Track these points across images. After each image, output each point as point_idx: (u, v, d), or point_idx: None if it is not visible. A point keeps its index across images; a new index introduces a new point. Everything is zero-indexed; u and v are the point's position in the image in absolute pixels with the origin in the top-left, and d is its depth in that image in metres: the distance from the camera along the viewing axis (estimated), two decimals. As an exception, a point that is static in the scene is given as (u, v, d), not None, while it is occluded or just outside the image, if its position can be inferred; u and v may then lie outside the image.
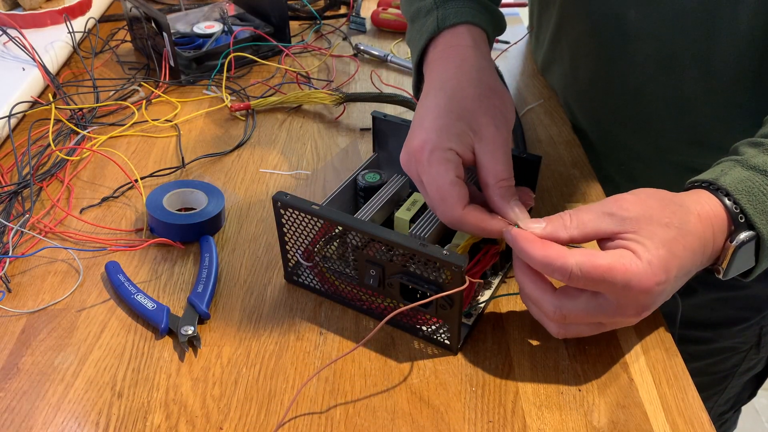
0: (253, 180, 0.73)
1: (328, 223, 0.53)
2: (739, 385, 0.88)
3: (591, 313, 0.48)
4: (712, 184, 0.51)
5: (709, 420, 0.49)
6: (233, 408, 0.50)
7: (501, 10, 0.63)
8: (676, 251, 0.47)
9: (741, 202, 0.49)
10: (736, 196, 0.49)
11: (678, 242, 0.47)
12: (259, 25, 0.98)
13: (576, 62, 0.78)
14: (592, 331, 0.51)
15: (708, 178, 0.51)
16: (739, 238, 0.49)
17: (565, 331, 0.51)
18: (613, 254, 0.46)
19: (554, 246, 0.48)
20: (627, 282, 0.46)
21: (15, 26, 0.93)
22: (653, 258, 0.46)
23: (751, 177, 0.50)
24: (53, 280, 0.61)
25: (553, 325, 0.51)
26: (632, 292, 0.46)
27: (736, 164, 0.51)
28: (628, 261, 0.46)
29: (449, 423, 0.49)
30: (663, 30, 0.65)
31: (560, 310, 0.49)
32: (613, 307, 0.47)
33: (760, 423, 1.63)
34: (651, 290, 0.46)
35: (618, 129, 0.75)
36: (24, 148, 0.75)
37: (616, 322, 0.50)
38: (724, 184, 0.50)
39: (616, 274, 0.45)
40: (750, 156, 0.51)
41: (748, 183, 0.49)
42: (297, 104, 0.86)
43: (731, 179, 0.50)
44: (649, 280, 0.46)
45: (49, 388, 0.52)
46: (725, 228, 0.49)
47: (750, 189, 0.49)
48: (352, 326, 0.56)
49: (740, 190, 0.49)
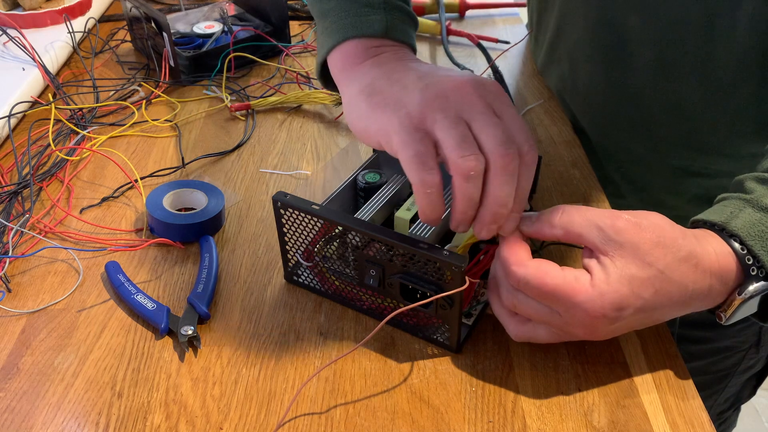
0: (253, 180, 0.73)
1: (328, 223, 0.53)
2: (739, 384, 0.88)
3: (541, 314, 0.48)
4: (721, 228, 0.48)
5: (709, 420, 0.49)
6: (233, 408, 0.50)
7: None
8: (643, 293, 0.45)
9: (754, 248, 0.46)
10: (749, 243, 0.46)
11: (650, 286, 0.45)
12: (259, 25, 0.98)
13: (575, 66, 0.78)
14: (549, 337, 0.50)
15: (717, 221, 0.48)
16: (748, 291, 0.47)
17: (522, 332, 0.51)
18: (568, 273, 0.46)
19: (518, 250, 0.48)
20: (571, 305, 0.45)
21: (15, 26, 0.93)
22: (609, 291, 0.45)
23: (763, 220, 0.47)
24: (53, 280, 0.61)
25: (510, 323, 0.51)
26: (577, 314, 0.46)
27: (746, 205, 0.48)
28: (580, 285, 0.45)
29: (449, 423, 0.49)
30: (662, 36, 0.65)
31: (514, 297, 0.49)
32: (562, 320, 0.47)
33: (760, 423, 1.63)
34: (596, 319, 0.45)
35: (617, 133, 0.75)
36: (24, 148, 0.75)
37: (569, 335, 0.49)
38: (735, 229, 0.47)
39: (562, 295, 0.45)
40: (760, 195, 0.48)
41: (761, 227, 0.47)
42: (297, 104, 0.86)
43: (742, 223, 0.47)
44: (595, 310, 0.45)
45: (49, 388, 0.52)
46: (731, 280, 0.47)
47: (763, 234, 0.46)
48: (352, 326, 0.56)
49: (753, 235, 0.46)
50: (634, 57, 0.68)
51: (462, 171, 0.44)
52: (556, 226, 0.48)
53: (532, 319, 0.49)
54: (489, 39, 1.00)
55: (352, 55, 0.54)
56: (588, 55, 0.74)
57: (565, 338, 0.50)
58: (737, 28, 0.60)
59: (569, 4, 0.76)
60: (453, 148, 0.44)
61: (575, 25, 0.75)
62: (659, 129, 0.71)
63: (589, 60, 0.74)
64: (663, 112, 0.69)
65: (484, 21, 1.09)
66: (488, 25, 1.07)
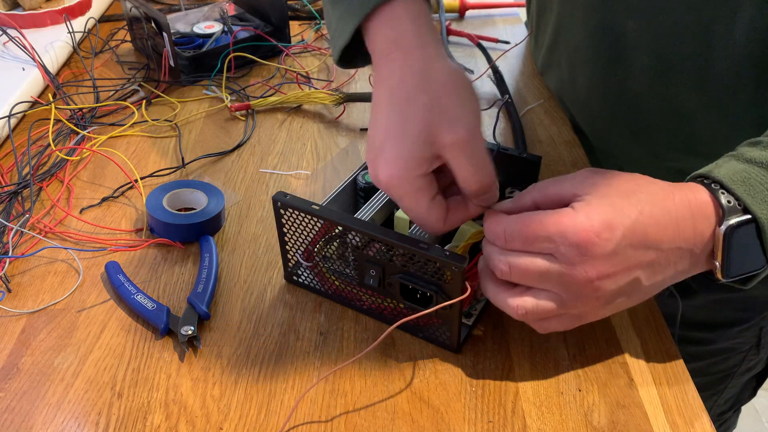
0: (253, 180, 0.73)
1: (328, 223, 0.53)
2: (739, 385, 0.88)
3: (537, 266, 0.46)
4: (705, 177, 0.49)
5: (709, 420, 0.49)
6: (233, 408, 0.50)
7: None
8: (628, 213, 0.46)
9: (737, 191, 0.47)
10: (732, 187, 0.47)
11: (633, 206, 0.46)
12: (259, 25, 0.98)
13: (574, 70, 0.78)
14: (551, 305, 0.47)
15: (700, 172, 0.50)
16: (728, 223, 0.47)
17: (521, 303, 0.48)
18: (548, 212, 0.46)
19: (498, 216, 0.49)
20: (561, 233, 0.45)
21: (15, 26, 0.93)
22: (592, 212, 0.45)
23: (747, 169, 0.48)
24: (53, 280, 0.61)
25: (509, 298, 0.49)
26: (571, 244, 0.45)
27: (731, 158, 0.50)
28: (563, 214, 0.45)
29: (449, 423, 0.49)
30: (660, 42, 0.65)
31: (505, 258, 0.48)
32: (559, 264, 0.46)
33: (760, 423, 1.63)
34: (590, 241, 0.44)
35: (615, 136, 0.75)
36: (24, 148, 0.75)
37: (573, 293, 0.47)
38: (717, 176, 0.48)
39: (548, 226, 0.45)
40: (746, 151, 0.50)
41: (744, 174, 0.48)
42: (297, 104, 0.86)
43: (726, 171, 0.49)
44: (585, 230, 0.44)
45: (49, 388, 0.52)
46: (710, 214, 0.47)
47: (746, 179, 0.48)
48: (352, 326, 0.56)
49: (736, 180, 0.48)
50: (633, 62, 0.68)
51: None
52: (533, 192, 0.49)
53: (529, 279, 0.48)
54: (489, 39, 1.00)
55: (381, 41, 0.52)
56: (586, 60, 0.74)
57: (568, 302, 0.47)
58: (735, 34, 0.60)
59: (568, 8, 0.76)
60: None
61: (574, 29, 0.75)
62: (658, 133, 0.71)
63: (588, 64, 0.74)
64: (661, 117, 0.69)
65: (484, 21, 1.09)
66: (488, 25, 1.07)
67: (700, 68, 0.63)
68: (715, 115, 0.66)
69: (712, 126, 0.66)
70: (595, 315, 0.49)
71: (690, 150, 0.70)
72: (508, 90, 0.88)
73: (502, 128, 0.81)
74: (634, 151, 0.74)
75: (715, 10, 0.60)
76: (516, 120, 0.81)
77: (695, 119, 0.67)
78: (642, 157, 0.74)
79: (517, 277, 0.48)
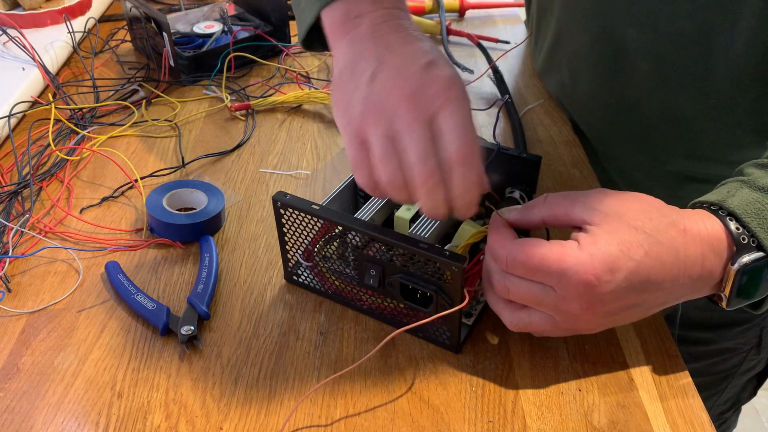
0: (253, 180, 0.73)
1: (328, 223, 0.53)
2: (739, 385, 0.88)
3: (534, 293, 0.47)
4: (717, 206, 0.48)
5: (709, 420, 0.49)
6: (233, 408, 0.50)
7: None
8: (634, 255, 0.45)
9: (750, 225, 0.46)
10: (745, 219, 0.46)
11: (639, 247, 0.45)
12: (259, 25, 0.98)
13: (575, 74, 0.78)
14: (544, 323, 0.48)
15: (714, 200, 0.49)
16: (741, 261, 0.46)
17: (517, 319, 0.49)
18: (553, 244, 0.46)
19: (503, 233, 0.48)
20: (563, 272, 0.45)
21: (15, 26, 0.93)
22: (597, 252, 0.44)
23: (759, 199, 0.47)
24: (53, 280, 0.61)
25: (505, 311, 0.50)
26: (570, 283, 0.45)
27: (742, 185, 0.49)
28: (567, 251, 0.45)
29: (449, 423, 0.49)
30: (661, 49, 0.65)
31: (505, 281, 0.48)
32: (556, 296, 0.46)
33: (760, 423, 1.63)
34: (590, 283, 0.44)
35: (616, 140, 0.75)
36: (24, 148, 0.75)
37: (565, 317, 0.48)
38: (731, 207, 0.47)
39: (551, 263, 0.45)
40: (757, 177, 0.49)
41: (757, 205, 0.47)
42: (297, 104, 0.86)
43: (739, 201, 0.47)
44: (586, 272, 0.44)
45: (49, 388, 0.52)
46: (724, 250, 0.47)
47: (759, 211, 0.47)
48: (352, 326, 0.56)
49: (749, 212, 0.47)
50: (633, 69, 0.68)
51: (382, 186, 0.48)
52: (542, 208, 0.49)
53: (526, 302, 0.48)
54: (489, 39, 1.00)
55: (337, 24, 0.51)
56: (587, 66, 0.74)
57: (561, 324, 0.48)
58: (735, 42, 0.60)
59: (568, 14, 0.76)
60: (376, 165, 0.47)
61: (574, 35, 0.75)
62: (659, 138, 0.71)
63: (589, 70, 0.74)
64: (662, 123, 0.69)
65: (484, 21, 1.09)
66: (488, 25, 1.07)
67: (701, 75, 0.63)
68: (715, 120, 0.66)
69: (713, 131, 0.66)
70: (589, 331, 0.50)
71: (691, 154, 0.70)
72: (508, 90, 0.88)
73: (502, 128, 0.81)
74: (635, 155, 0.74)
75: (716, 17, 0.60)
76: (516, 120, 0.81)
77: (696, 125, 0.67)
78: (643, 161, 0.74)
79: (514, 298, 0.49)
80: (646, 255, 0.45)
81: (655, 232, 0.46)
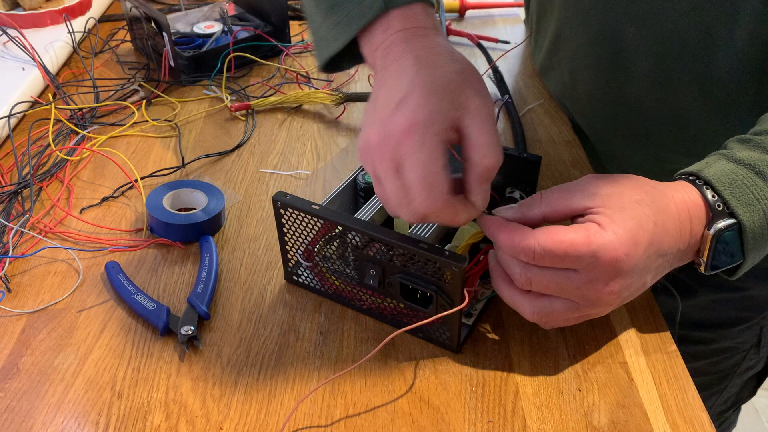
0: (253, 180, 0.73)
1: (328, 223, 0.53)
2: (739, 384, 0.88)
3: (558, 281, 0.47)
4: (695, 176, 0.51)
5: (709, 420, 0.49)
6: (233, 408, 0.50)
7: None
8: (646, 225, 0.47)
9: (724, 193, 0.49)
10: (719, 188, 0.49)
11: (648, 218, 0.47)
12: (259, 25, 0.98)
13: (575, 73, 0.78)
14: (566, 310, 0.49)
15: (692, 170, 0.51)
16: (717, 226, 0.49)
17: (539, 307, 0.49)
18: (577, 228, 0.46)
19: (518, 228, 0.48)
20: (593, 253, 0.45)
21: (15, 26, 0.93)
22: (619, 228, 0.46)
23: (735, 170, 0.50)
24: (53, 280, 0.61)
25: (525, 302, 0.50)
26: (600, 263, 0.46)
27: (721, 157, 0.52)
28: (592, 233, 0.46)
29: (449, 423, 0.49)
30: (661, 47, 0.65)
31: (527, 272, 0.48)
32: (583, 280, 0.47)
33: (760, 423, 1.63)
34: (619, 260, 0.46)
35: (616, 139, 0.76)
36: (24, 148, 0.75)
37: (590, 301, 0.48)
38: (707, 176, 0.50)
39: (580, 247, 0.45)
40: (736, 150, 0.51)
41: (732, 176, 0.49)
42: (297, 104, 0.86)
43: (715, 171, 0.50)
44: (615, 249, 0.45)
45: (49, 388, 0.52)
46: (703, 216, 0.49)
47: (733, 181, 0.49)
48: (352, 326, 0.56)
49: (723, 182, 0.49)
50: (633, 67, 0.68)
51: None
52: (541, 205, 0.49)
53: (549, 291, 0.49)
54: (489, 39, 1.00)
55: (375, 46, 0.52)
56: (587, 65, 0.74)
57: (583, 307, 0.49)
58: (735, 40, 0.60)
59: (568, 13, 0.76)
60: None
61: (574, 34, 0.75)
62: (659, 137, 0.71)
63: (589, 69, 0.74)
64: (663, 121, 0.69)
65: (484, 21, 1.09)
66: (488, 25, 1.07)
67: (701, 73, 0.64)
68: (716, 118, 0.66)
69: (713, 129, 0.67)
70: (602, 313, 0.51)
71: (691, 153, 0.70)
72: (508, 90, 0.88)
73: (502, 128, 0.81)
74: (636, 153, 0.74)
75: (716, 15, 0.60)
76: (516, 120, 0.81)
77: (696, 123, 0.67)
78: (643, 160, 0.74)
79: (536, 289, 0.49)
80: (655, 225, 0.47)
81: (655, 202, 0.48)
